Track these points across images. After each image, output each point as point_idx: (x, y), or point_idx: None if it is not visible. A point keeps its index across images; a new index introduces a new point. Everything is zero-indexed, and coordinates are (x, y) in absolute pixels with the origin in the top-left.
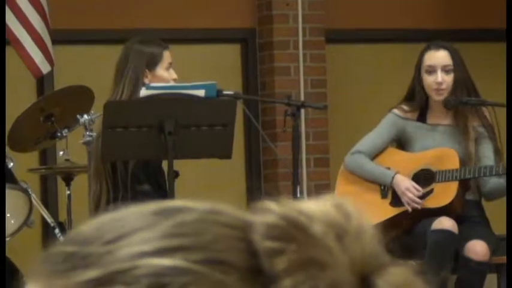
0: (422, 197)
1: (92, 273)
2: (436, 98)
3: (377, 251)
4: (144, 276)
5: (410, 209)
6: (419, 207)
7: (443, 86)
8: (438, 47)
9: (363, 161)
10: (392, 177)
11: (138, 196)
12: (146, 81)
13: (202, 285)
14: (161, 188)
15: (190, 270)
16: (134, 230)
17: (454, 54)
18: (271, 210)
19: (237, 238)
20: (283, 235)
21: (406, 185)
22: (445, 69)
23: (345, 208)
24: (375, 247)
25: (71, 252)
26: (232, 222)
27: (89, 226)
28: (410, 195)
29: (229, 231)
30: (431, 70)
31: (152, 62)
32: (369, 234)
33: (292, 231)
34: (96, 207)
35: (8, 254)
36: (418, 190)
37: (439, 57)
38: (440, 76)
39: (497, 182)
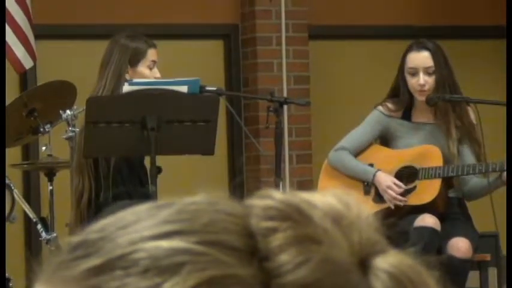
0: (405, 193)
1: (92, 262)
2: (420, 98)
3: (376, 237)
4: (143, 259)
5: (392, 206)
6: (401, 204)
7: (426, 88)
8: (420, 48)
9: (345, 158)
10: (374, 175)
11: (120, 192)
12: (127, 77)
13: (199, 264)
14: (143, 184)
15: (188, 251)
16: (135, 221)
17: (435, 54)
18: (271, 196)
19: (234, 222)
20: (279, 215)
21: (387, 183)
22: (427, 71)
23: (345, 199)
24: (374, 234)
25: (74, 244)
26: (230, 209)
27: (91, 227)
28: (391, 192)
29: (227, 217)
30: (414, 72)
31: (135, 58)
32: (368, 222)
33: (290, 212)
34: (78, 203)
35: None
36: (399, 187)
37: (420, 59)
38: (422, 78)
39: (478, 182)
